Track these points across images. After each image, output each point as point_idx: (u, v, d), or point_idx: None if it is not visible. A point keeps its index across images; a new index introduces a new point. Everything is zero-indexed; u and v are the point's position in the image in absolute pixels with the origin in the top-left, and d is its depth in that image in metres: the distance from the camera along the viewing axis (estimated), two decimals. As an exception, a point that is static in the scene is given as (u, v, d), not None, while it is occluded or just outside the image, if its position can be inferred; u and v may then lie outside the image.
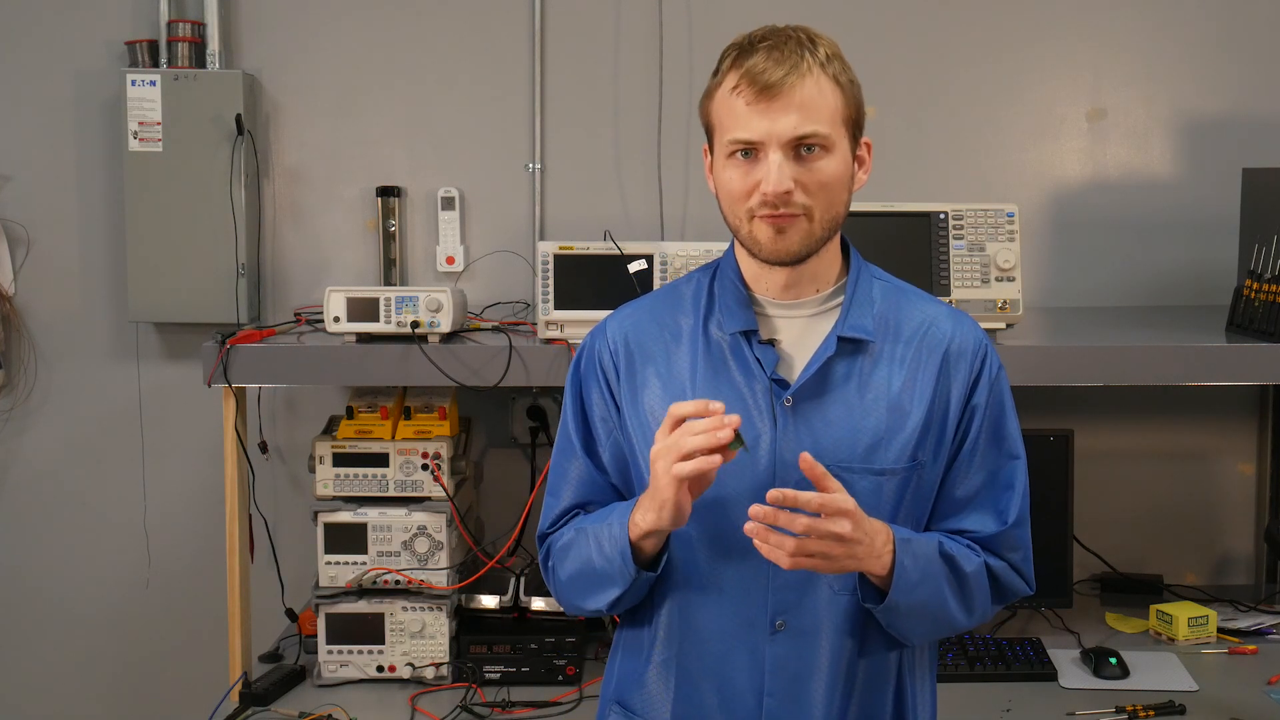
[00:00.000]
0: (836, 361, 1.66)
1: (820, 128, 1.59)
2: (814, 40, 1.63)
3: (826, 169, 1.60)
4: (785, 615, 1.65)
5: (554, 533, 1.78)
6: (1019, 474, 1.73)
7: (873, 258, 1.77)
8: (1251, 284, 2.63)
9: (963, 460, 1.71)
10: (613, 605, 1.71)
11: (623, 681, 1.78)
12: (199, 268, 3.03)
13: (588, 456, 1.76)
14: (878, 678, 1.69)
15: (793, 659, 1.65)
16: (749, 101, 1.59)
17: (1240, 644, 2.74)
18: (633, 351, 1.73)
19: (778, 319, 1.70)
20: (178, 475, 3.19)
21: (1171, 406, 3.17)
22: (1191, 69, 3.15)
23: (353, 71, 3.12)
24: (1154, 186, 3.16)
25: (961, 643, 2.65)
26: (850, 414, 1.65)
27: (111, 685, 3.24)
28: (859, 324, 1.67)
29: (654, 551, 1.66)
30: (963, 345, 1.71)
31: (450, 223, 3.12)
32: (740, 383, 1.67)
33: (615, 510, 1.69)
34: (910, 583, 1.61)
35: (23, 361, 3.16)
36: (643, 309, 1.78)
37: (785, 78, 1.58)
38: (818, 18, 3.08)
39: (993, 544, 1.72)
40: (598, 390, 1.75)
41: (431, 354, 2.51)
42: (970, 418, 1.70)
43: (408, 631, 2.61)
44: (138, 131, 3.00)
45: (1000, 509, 1.71)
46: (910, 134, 3.14)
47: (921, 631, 1.68)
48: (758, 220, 1.62)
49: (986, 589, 1.71)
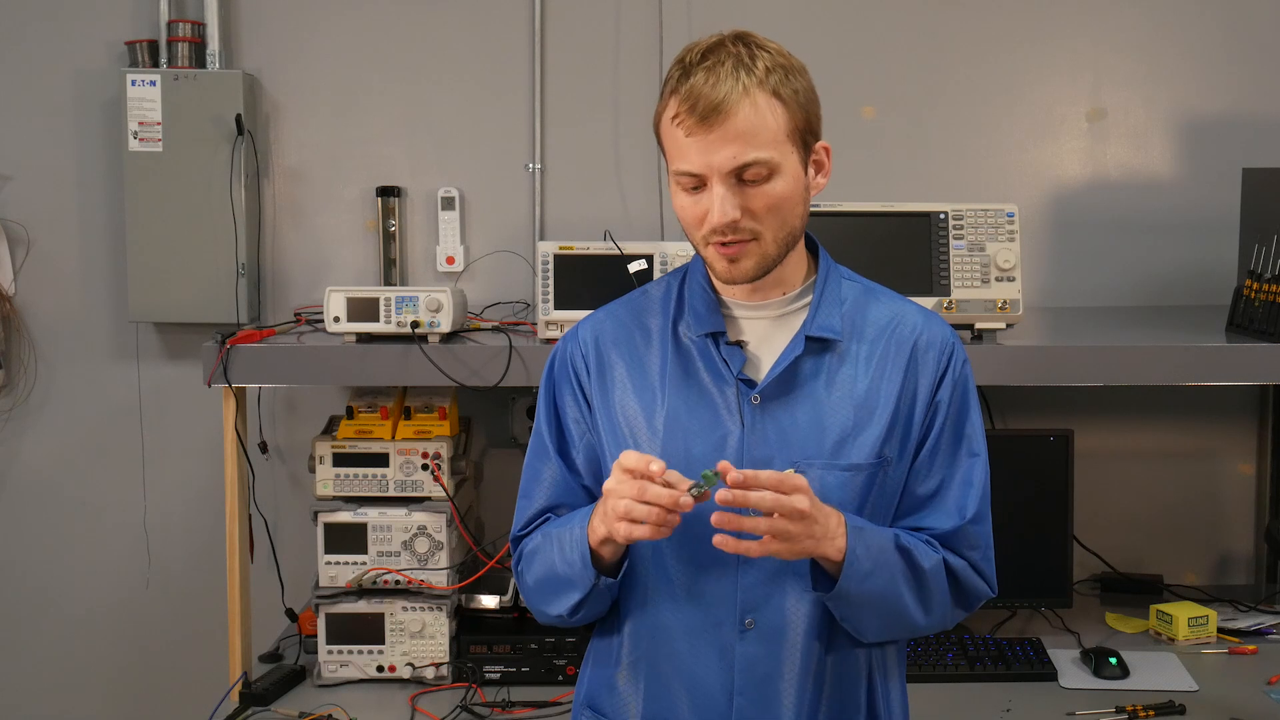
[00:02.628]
0: (804, 360, 1.68)
1: (760, 153, 1.58)
2: (754, 55, 1.60)
3: (773, 191, 1.60)
4: (754, 614, 1.66)
5: (525, 536, 1.79)
6: (978, 471, 1.73)
7: (873, 257, 1.77)
8: (1251, 284, 2.63)
9: (924, 458, 1.72)
10: (574, 610, 1.71)
11: (593, 687, 1.78)
12: (199, 268, 3.03)
13: (560, 459, 1.77)
14: (848, 677, 1.70)
15: (762, 658, 1.66)
16: (689, 132, 1.58)
17: (1240, 644, 2.74)
18: (604, 353, 1.75)
19: (744, 320, 1.72)
20: (178, 475, 3.19)
21: (1171, 406, 3.17)
22: (1191, 69, 3.15)
23: (352, 71, 3.12)
24: (1154, 186, 3.16)
25: (961, 643, 2.65)
26: (818, 411, 1.67)
27: (111, 685, 3.24)
28: (826, 324, 1.69)
29: (614, 558, 1.66)
30: (930, 340, 1.72)
31: (450, 223, 3.12)
32: (709, 383, 1.69)
33: (579, 515, 1.69)
34: (862, 571, 1.61)
35: (23, 361, 3.17)
36: (613, 312, 1.79)
37: (722, 104, 1.55)
38: (818, 17, 3.10)
39: (951, 540, 1.72)
40: (570, 392, 1.77)
41: (431, 354, 2.51)
42: (934, 414, 1.71)
43: (408, 631, 2.61)
44: (138, 131, 3.00)
45: (959, 505, 1.72)
46: (910, 134, 3.14)
47: (876, 626, 1.68)
48: (712, 248, 1.63)
49: (945, 588, 1.71)
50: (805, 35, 3.17)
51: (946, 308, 2.50)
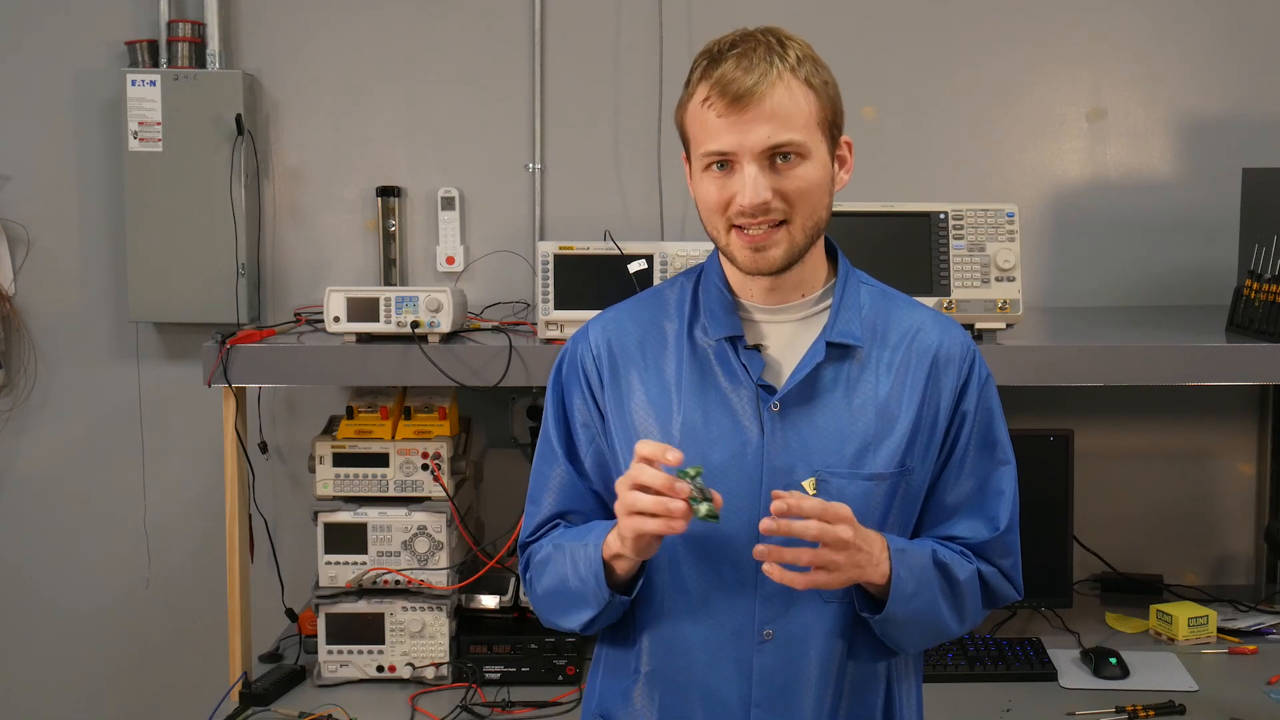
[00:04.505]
0: (824, 367, 1.65)
1: (794, 135, 1.56)
2: (784, 44, 1.59)
3: (804, 176, 1.58)
4: (773, 625, 1.64)
5: (534, 543, 1.77)
6: (1009, 480, 1.73)
7: (873, 257, 1.76)
8: (1251, 284, 2.63)
9: (953, 467, 1.70)
10: (588, 626, 1.69)
11: (605, 697, 1.76)
12: (199, 268, 3.03)
13: (570, 462, 1.74)
14: (866, 684, 1.68)
15: (781, 668, 1.64)
16: (720, 113, 1.56)
17: (1240, 644, 2.74)
18: (616, 357, 1.71)
19: (764, 324, 1.68)
20: (178, 475, 3.19)
21: (1171, 406, 3.17)
22: (1191, 69, 3.15)
23: (353, 71, 3.12)
24: (1154, 186, 3.16)
25: (961, 643, 2.65)
26: (838, 419, 1.64)
27: (111, 685, 3.24)
28: (847, 329, 1.66)
29: (627, 574, 1.64)
30: (950, 351, 1.70)
31: (450, 223, 3.12)
32: (727, 389, 1.65)
33: (594, 529, 1.67)
34: (906, 593, 1.60)
35: (23, 361, 3.17)
36: (625, 313, 1.75)
37: (755, 86, 1.54)
38: (818, 17, 3.10)
39: (984, 550, 1.71)
40: (580, 395, 1.73)
41: (431, 354, 2.51)
42: (960, 424, 1.70)
43: (408, 631, 2.61)
44: (138, 131, 3.00)
45: (991, 515, 1.71)
46: (910, 134, 3.14)
47: (916, 640, 1.68)
48: (735, 235, 1.60)
49: (978, 596, 1.71)
50: (805, 35, 3.16)
51: (946, 308, 2.49)
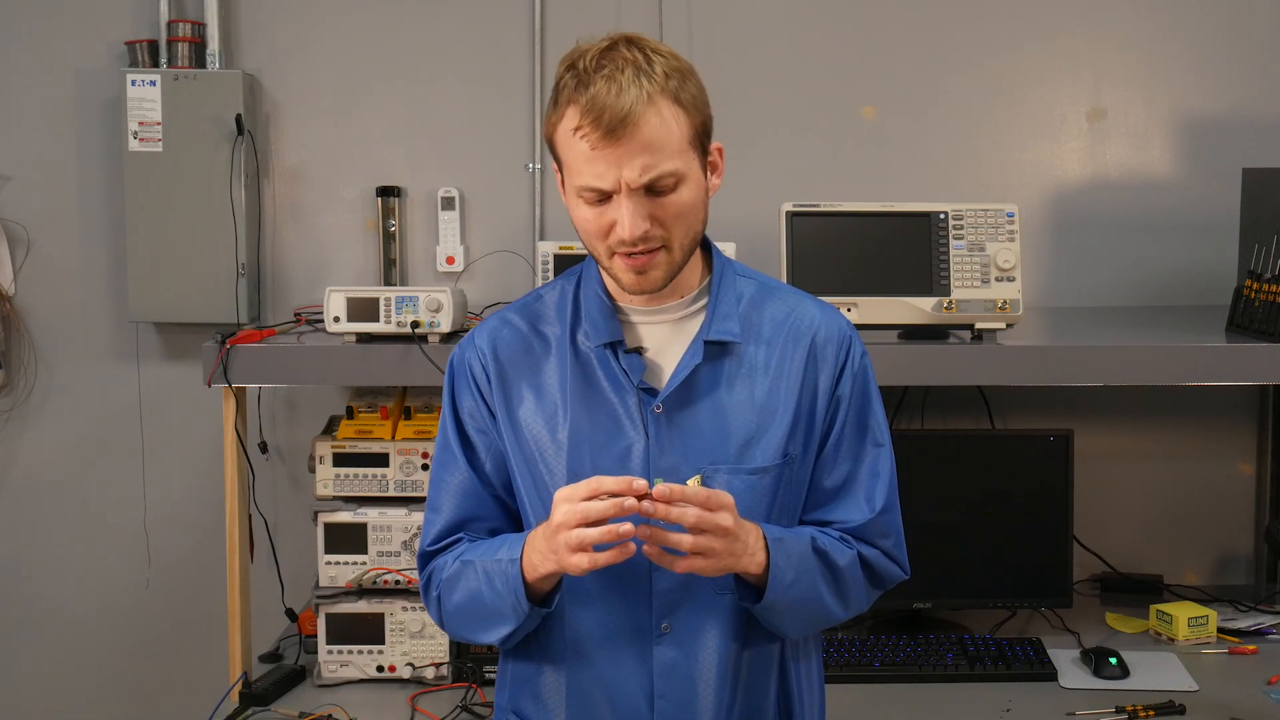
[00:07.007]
0: (703, 366, 1.67)
1: (670, 165, 1.55)
2: (650, 59, 1.56)
3: (680, 200, 1.58)
4: (670, 618, 1.66)
5: (436, 554, 1.76)
6: (885, 462, 1.74)
7: (873, 257, 1.75)
8: (1251, 284, 2.63)
9: (829, 451, 1.72)
10: (506, 639, 1.70)
11: (515, 688, 1.77)
12: (199, 268, 3.03)
13: (470, 468, 1.75)
14: (761, 668, 1.71)
15: (681, 661, 1.67)
16: (594, 145, 1.53)
17: (1240, 644, 2.74)
18: (504, 364, 1.72)
19: (641, 325, 1.70)
20: (178, 475, 3.19)
21: (1171, 406, 3.17)
22: (1191, 69, 3.15)
23: (352, 71, 3.13)
24: (1154, 186, 3.16)
25: (961, 643, 2.65)
26: (720, 416, 1.66)
27: (111, 685, 3.24)
28: (724, 327, 1.68)
29: (549, 589, 1.66)
30: (828, 334, 1.72)
31: (450, 223, 3.12)
32: (610, 394, 1.67)
33: (504, 544, 1.67)
34: (785, 581, 1.63)
35: (23, 361, 3.17)
36: (508, 320, 1.76)
37: (629, 115, 1.51)
38: (818, 18, 3.10)
39: (863, 532, 1.73)
40: (471, 400, 1.74)
41: (431, 354, 2.51)
42: (836, 408, 1.72)
43: (408, 631, 2.61)
44: (138, 131, 3.00)
45: (868, 497, 1.73)
46: (910, 134, 3.14)
47: (799, 626, 1.71)
48: (618, 259, 1.61)
49: (861, 579, 1.73)
50: (805, 35, 3.18)
51: (946, 308, 2.50)
